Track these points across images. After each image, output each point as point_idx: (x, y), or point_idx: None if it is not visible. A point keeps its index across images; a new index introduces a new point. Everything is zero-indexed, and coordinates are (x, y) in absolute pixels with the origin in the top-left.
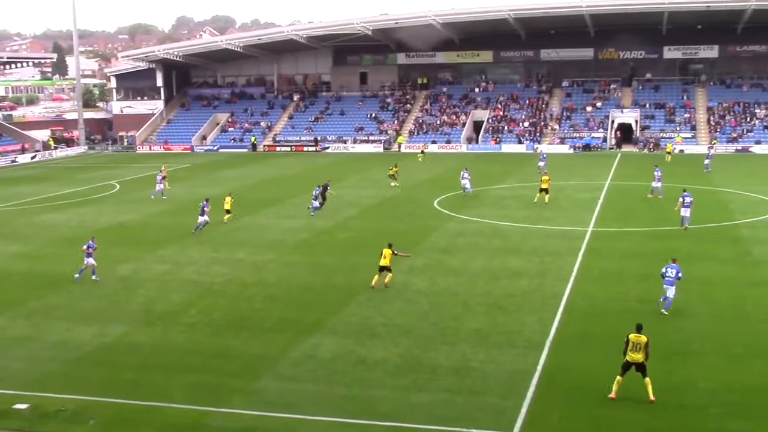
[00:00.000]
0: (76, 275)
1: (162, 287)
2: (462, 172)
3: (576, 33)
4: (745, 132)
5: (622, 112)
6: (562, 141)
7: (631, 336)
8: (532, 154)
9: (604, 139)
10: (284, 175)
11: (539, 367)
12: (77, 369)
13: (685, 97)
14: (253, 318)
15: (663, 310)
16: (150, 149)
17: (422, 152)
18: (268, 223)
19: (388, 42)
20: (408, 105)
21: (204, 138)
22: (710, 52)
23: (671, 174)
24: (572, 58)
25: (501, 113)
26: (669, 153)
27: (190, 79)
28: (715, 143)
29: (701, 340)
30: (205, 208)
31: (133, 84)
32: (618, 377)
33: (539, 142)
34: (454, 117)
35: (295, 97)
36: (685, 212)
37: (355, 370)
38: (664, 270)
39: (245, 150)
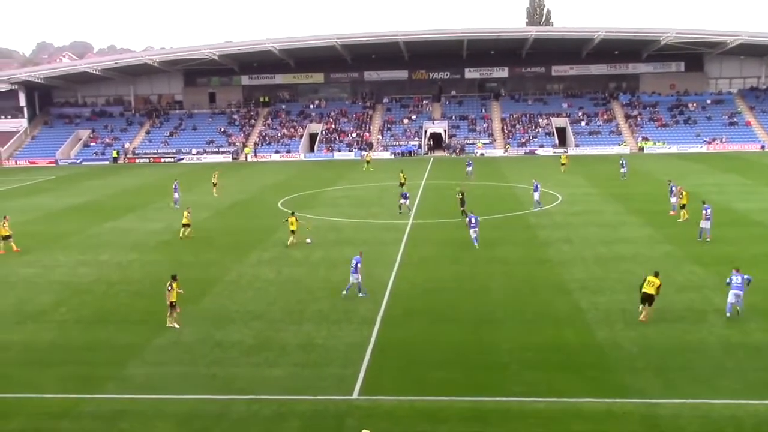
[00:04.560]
0: (343, 291)
1: (31, 289)
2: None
3: (393, 57)
4: (531, 138)
5: (433, 123)
6: (385, 149)
7: (649, 276)
8: (360, 161)
9: (419, 146)
10: (144, 183)
11: (372, 340)
12: None
13: (483, 110)
14: (119, 312)
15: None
16: (16, 164)
17: (368, 162)
18: (130, 227)
19: (233, 66)
20: (252, 120)
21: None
22: (502, 72)
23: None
24: (391, 79)
25: (333, 126)
26: (563, 164)
27: (52, 99)
28: (508, 147)
29: (502, 309)
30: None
31: None
32: (640, 306)
33: (366, 150)
34: (293, 130)
35: (152, 115)
36: (705, 224)
37: (214, 352)
38: (729, 279)
39: (107, 162)
